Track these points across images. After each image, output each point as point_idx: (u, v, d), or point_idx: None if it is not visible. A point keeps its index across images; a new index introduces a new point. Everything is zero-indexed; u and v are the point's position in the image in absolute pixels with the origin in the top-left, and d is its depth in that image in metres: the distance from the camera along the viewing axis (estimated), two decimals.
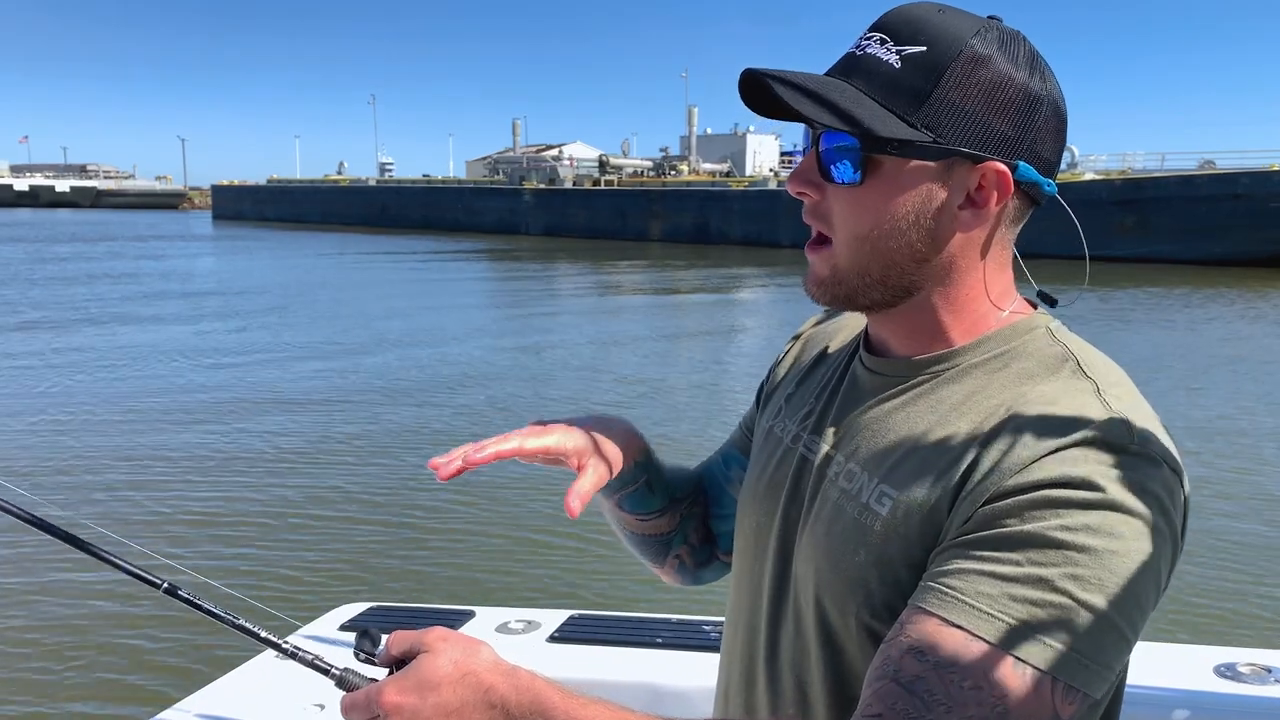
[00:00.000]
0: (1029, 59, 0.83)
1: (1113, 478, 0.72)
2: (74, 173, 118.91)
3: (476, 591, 5.05)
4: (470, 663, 0.77)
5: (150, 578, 0.90)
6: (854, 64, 0.84)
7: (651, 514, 1.11)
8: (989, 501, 0.74)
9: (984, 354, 0.85)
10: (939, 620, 0.72)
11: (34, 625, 4.60)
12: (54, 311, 17.47)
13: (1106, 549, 0.71)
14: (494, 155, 72.60)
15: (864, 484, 0.84)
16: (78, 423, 8.90)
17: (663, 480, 1.10)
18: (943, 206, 0.82)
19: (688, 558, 1.15)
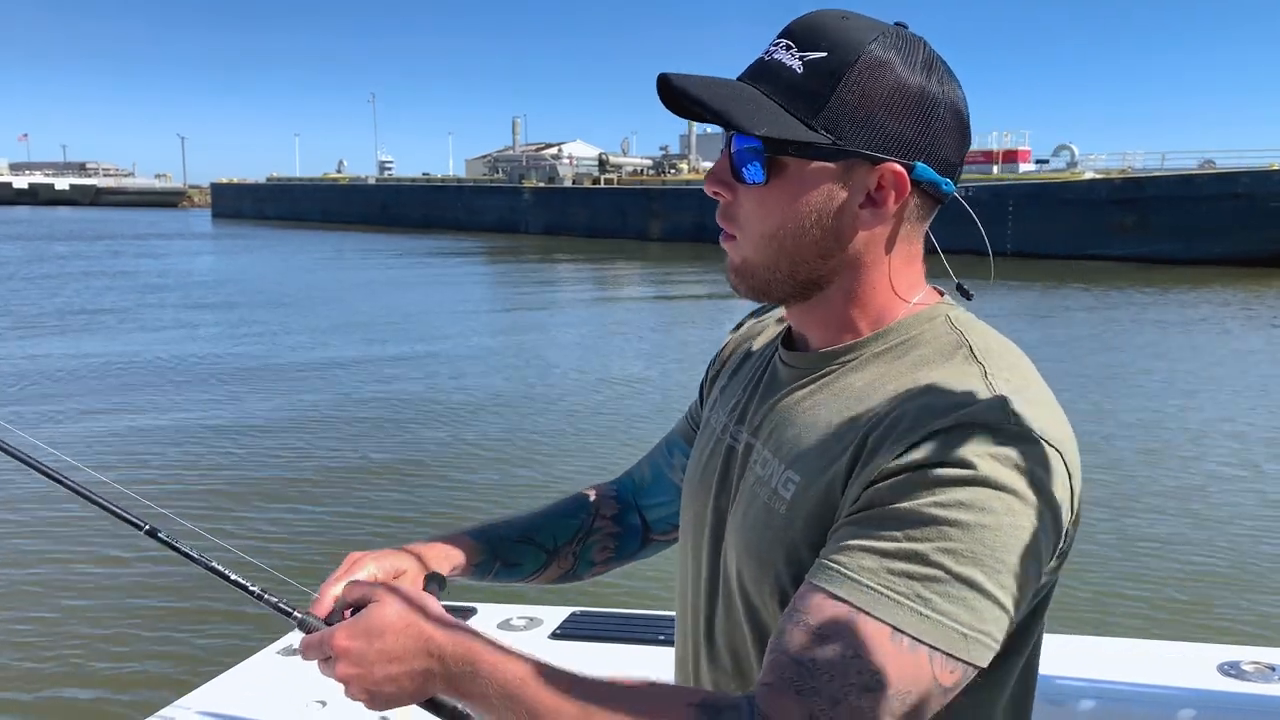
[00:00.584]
0: (926, 63, 0.86)
1: (986, 455, 0.76)
2: (73, 170, 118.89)
3: (479, 588, 5.04)
4: (414, 614, 0.84)
5: (132, 519, 0.94)
6: (762, 69, 0.88)
7: (531, 575, 1.19)
8: (874, 482, 0.79)
9: (886, 344, 0.90)
10: (825, 594, 0.77)
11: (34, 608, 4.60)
12: (45, 312, 17.47)
13: (979, 523, 0.75)
14: (494, 154, 72.57)
15: (775, 470, 0.90)
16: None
17: (523, 549, 1.17)
18: (844, 206, 0.87)
19: (605, 567, 1.24)
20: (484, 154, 75.71)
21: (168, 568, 4.53)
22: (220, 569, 0.94)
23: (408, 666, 0.82)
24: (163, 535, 0.95)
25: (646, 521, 1.24)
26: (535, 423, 8.97)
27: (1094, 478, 7.36)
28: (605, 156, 57.93)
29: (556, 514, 1.22)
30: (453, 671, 0.82)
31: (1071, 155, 41.47)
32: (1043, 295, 21.40)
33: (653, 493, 1.24)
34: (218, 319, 16.46)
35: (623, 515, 1.24)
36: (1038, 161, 41.92)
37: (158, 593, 4.63)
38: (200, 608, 4.47)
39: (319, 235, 47.91)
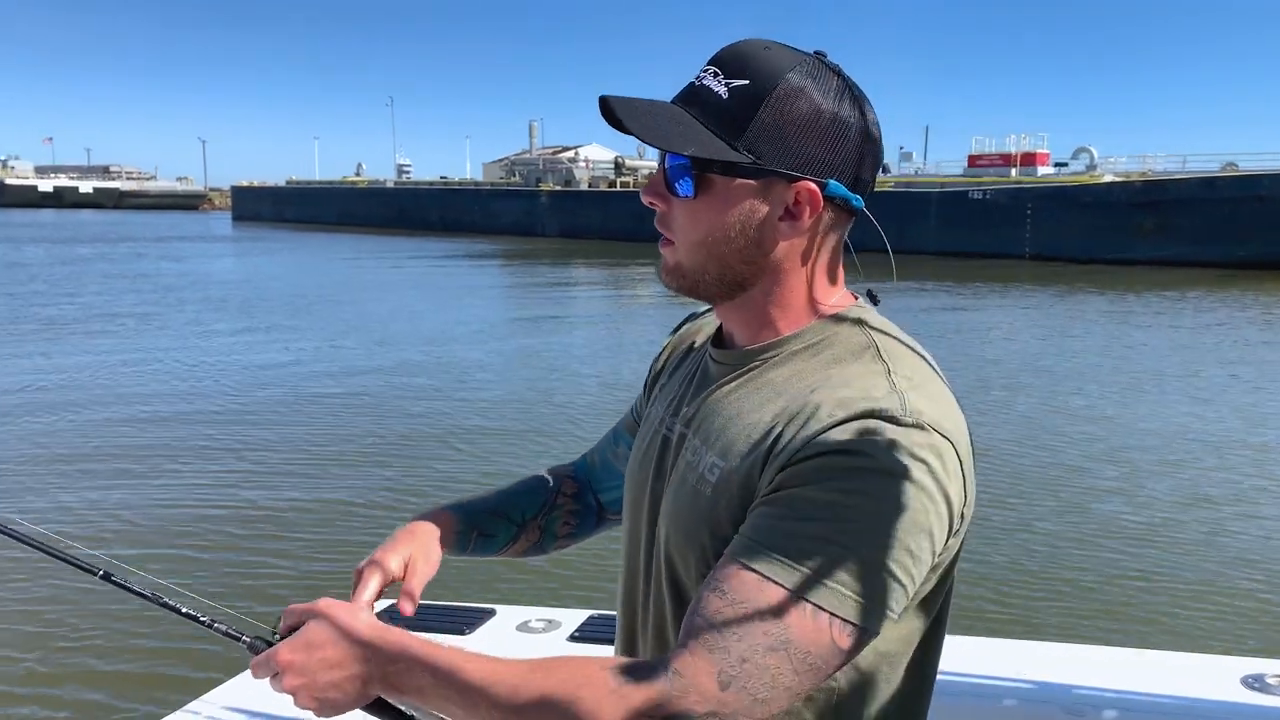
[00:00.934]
0: (840, 90, 0.95)
1: (881, 444, 0.85)
2: (97, 174, 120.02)
3: (497, 590, 5.08)
4: (349, 623, 0.91)
5: (85, 565, 1.02)
6: (693, 93, 0.97)
7: (503, 548, 1.28)
8: (785, 466, 0.88)
9: (804, 342, 0.99)
10: (739, 565, 0.86)
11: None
12: (71, 311, 17.64)
13: (873, 505, 0.84)
14: (510, 157, 72.75)
15: (702, 457, 0.98)
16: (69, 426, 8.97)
17: (497, 521, 1.27)
18: (764, 219, 0.96)
19: (569, 541, 1.34)
20: (501, 157, 75.88)
21: (118, 606, 4.46)
22: (172, 604, 1.02)
23: (347, 671, 0.90)
24: (116, 579, 1.02)
25: (600, 503, 1.35)
26: (545, 435, 8.98)
27: (1114, 485, 7.32)
28: (622, 160, 57.94)
29: (523, 490, 1.32)
30: (388, 670, 0.89)
31: (1091, 158, 41.16)
32: (1058, 298, 21.28)
33: (602, 477, 1.34)
34: (232, 326, 16.50)
35: (581, 494, 1.34)
36: (1056, 164, 41.64)
37: (111, 631, 4.52)
38: (154, 647, 4.41)
39: (337, 238, 48.15)
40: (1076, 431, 8.81)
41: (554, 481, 1.34)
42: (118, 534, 5.77)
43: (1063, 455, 8.02)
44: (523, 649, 2.11)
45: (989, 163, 41.84)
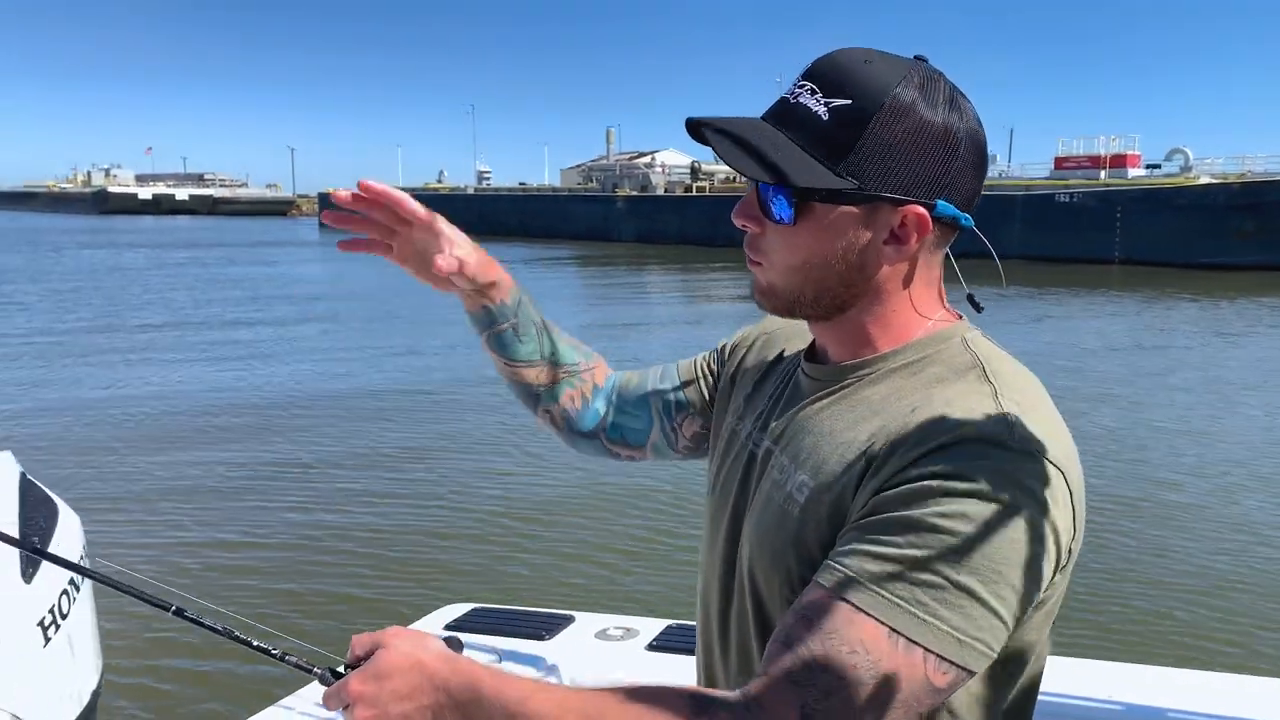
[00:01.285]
0: (948, 100, 0.90)
1: (987, 470, 0.80)
2: (192, 181, 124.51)
3: (577, 597, 5.12)
4: (418, 653, 0.89)
5: (158, 600, 1.02)
6: (788, 112, 0.92)
7: (518, 362, 1.25)
8: (882, 489, 0.83)
9: (903, 360, 0.95)
10: (827, 593, 0.81)
11: None
12: (175, 316, 18.30)
13: (976, 534, 0.78)
14: (588, 163, 73.24)
15: (790, 475, 0.95)
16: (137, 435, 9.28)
17: (536, 332, 1.24)
18: (868, 244, 0.92)
19: (559, 420, 1.29)
20: (578, 164, 76.44)
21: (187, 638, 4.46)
22: (244, 637, 1.02)
23: (417, 703, 0.88)
24: (189, 614, 1.03)
25: (605, 418, 1.30)
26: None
27: (1213, 507, 7.06)
28: (698, 165, 57.88)
29: (578, 346, 1.30)
30: (459, 700, 0.87)
31: (1185, 159, 39.75)
32: (1145, 303, 20.58)
33: (630, 402, 1.29)
34: (317, 333, 16.87)
35: (599, 394, 1.30)
36: (1148, 166, 40.32)
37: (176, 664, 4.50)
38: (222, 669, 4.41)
39: None
40: (1164, 445, 8.51)
41: (592, 360, 1.30)
42: (183, 564, 5.61)
43: (1146, 469, 7.76)
44: (600, 656, 2.12)
45: (1076, 165, 40.72)
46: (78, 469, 7.49)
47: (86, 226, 67.75)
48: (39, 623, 1.91)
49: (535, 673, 2.06)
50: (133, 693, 4.18)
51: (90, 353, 13.45)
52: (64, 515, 2.18)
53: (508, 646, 2.16)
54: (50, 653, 1.93)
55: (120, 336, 15.14)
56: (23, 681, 1.85)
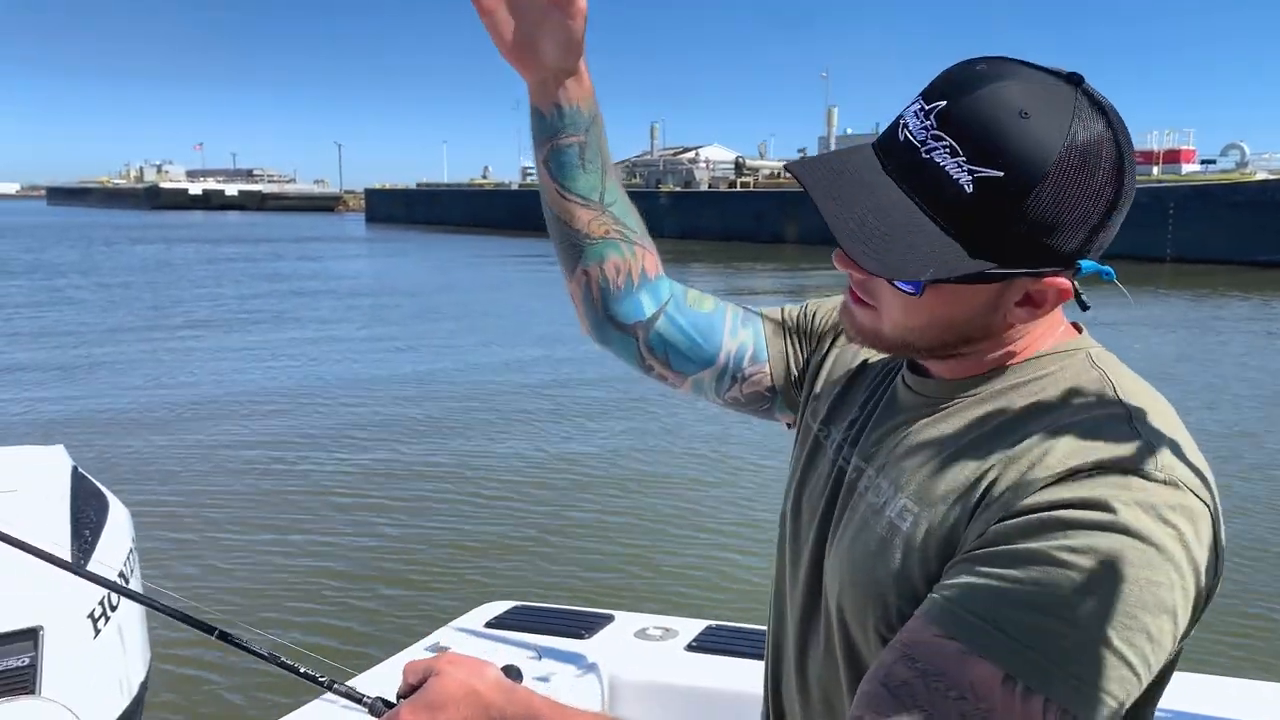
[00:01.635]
0: (1110, 150, 0.76)
1: (1128, 502, 0.71)
2: (241, 177, 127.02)
3: (617, 597, 5.12)
4: (473, 682, 0.84)
5: (202, 623, 1.00)
6: (918, 172, 0.77)
7: (574, 195, 1.08)
8: (1002, 519, 0.74)
9: (1022, 377, 0.85)
10: (934, 629, 0.73)
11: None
12: (223, 311, 18.63)
13: (1113, 577, 0.69)
14: (631, 158, 73.31)
15: (889, 499, 0.85)
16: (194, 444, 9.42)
17: (602, 173, 1.08)
18: (998, 307, 0.83)
19: (595, 289, 1.11)
20: (623, 159, 76.49)
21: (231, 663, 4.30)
22: (290, 663, 0.99)
23: None
24: (233, 638, 1.00)
25: (649, 325, 1.12)
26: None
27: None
28: (742, 160, 57.72)
29: (627, 202, 1.13)
30: None
31: (1242, 154, 38.88)
32: (1193, 303, 20.14)
33: (693, 322, 1.13)
34: (361, 335, 17.01)
35: (646, 285, 1.12)
36: (1203, 162, 39.48)
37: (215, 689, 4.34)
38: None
39: (464, 239, 49.45)
40: (1218, 447, 8.33)
41: (646, 240, 1.14)
42: (226, 584, 5.37)
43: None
44: (640, 655, 2.12)
45: None
46: (127, 463, 7.65)
47: (138, 222, 69.21)
48: (89, 615, 1.95)
49: (575, 670, 2.07)
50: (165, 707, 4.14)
51: (139, 348, 13.73)
52: (114, 508, 2.23)
53: (548, 644, 2.17)
54: (100, 645, 1.97)
55: (169, 332, 15.43)
56: (74, 673, 1.89)
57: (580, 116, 1.05)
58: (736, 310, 1.16)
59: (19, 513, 1.93)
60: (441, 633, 2.26)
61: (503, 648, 2.16)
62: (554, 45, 1.00)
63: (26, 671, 1.83)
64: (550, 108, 1.05)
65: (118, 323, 16.37)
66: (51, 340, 14.25)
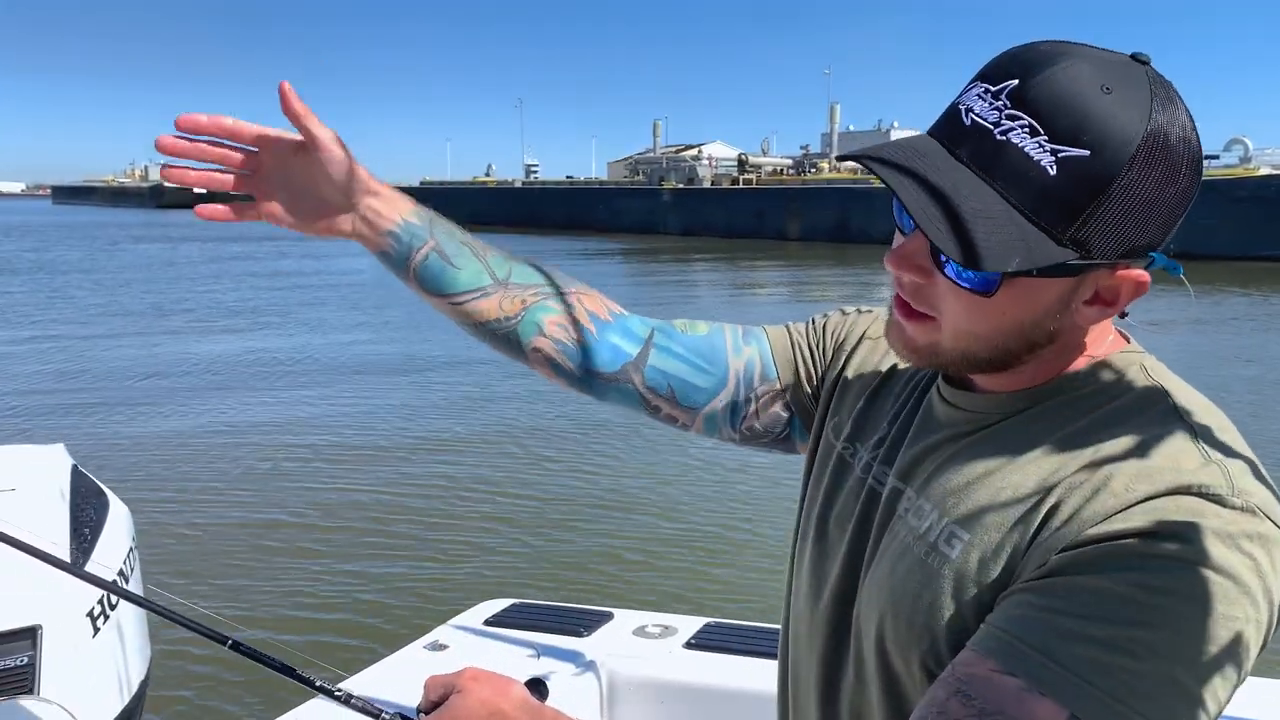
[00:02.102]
0: (1187, 135, 0.72)
1: (1204, 532, 0.66)
2: None
3: (615, 594, 5.13)
4: (498, 701, 0.79)
5: (214, 633, 0.98)
6: (996, 156, 0.70)
7: (464, 294, 1.02)
8: (1066, 549, 0.69)
9: (1074, 392, 0.79)
10: (993, 665, 0.67)
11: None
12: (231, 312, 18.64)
13: (1187, 611, 0.65)
14: (634, 156, 73.34)
15: (933, 523, 0.79)
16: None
17: (476, 258, 1.03)
18: (1069, 306, 0.76)
19: (555, 356, 1.05)
20: (625, 156, 76.55)
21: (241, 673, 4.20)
22: (305, 675, 0.96)
23: None
24: (245, 648, 0.98)
25: (639, 364, 1.05)
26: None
27: None
28: (745, 157, 57.77)
29: (532, 260, 1.07)
30: None
31: (1245, 149, 38.81)
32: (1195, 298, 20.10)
33: (690, 350, 1.06)
34: (362, 330, 17.02)
35: (608, 327, 1.06)
36: (1206, 157, 39.21)
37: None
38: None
39: None
40: None
41: (573, 284, 1.07)
42: (226, 581, 5.33)
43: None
44: (638, 653, 2.12)
45: None
46: (126, 462, 7.67)
47: (143, 220, 69.28)
48: (88, 614, 1.95)
49: (573, 668, 2.07)
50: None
51: (140, 347, 13.75)
52: (114, 506, 2.23)
53: (546, 642, 2.17)
54: (99, 644, 1.97)
55: (170, 331, 15.46)
56: (72, 672, 1.89)
57: (414, 226, 1.01)
58: (735, 328, 1.09)
59: (18, 511, 1.93)
60: (440, 630, 2.26)
61: (501, 645, 2.16)
62: (336, 191, 0.97)
63: (25, 671, 1.83)
64: (384, 240, 1.01)
65: (119, 322, 16.39)
66: (52, 339, 14.28)
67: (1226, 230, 29.70)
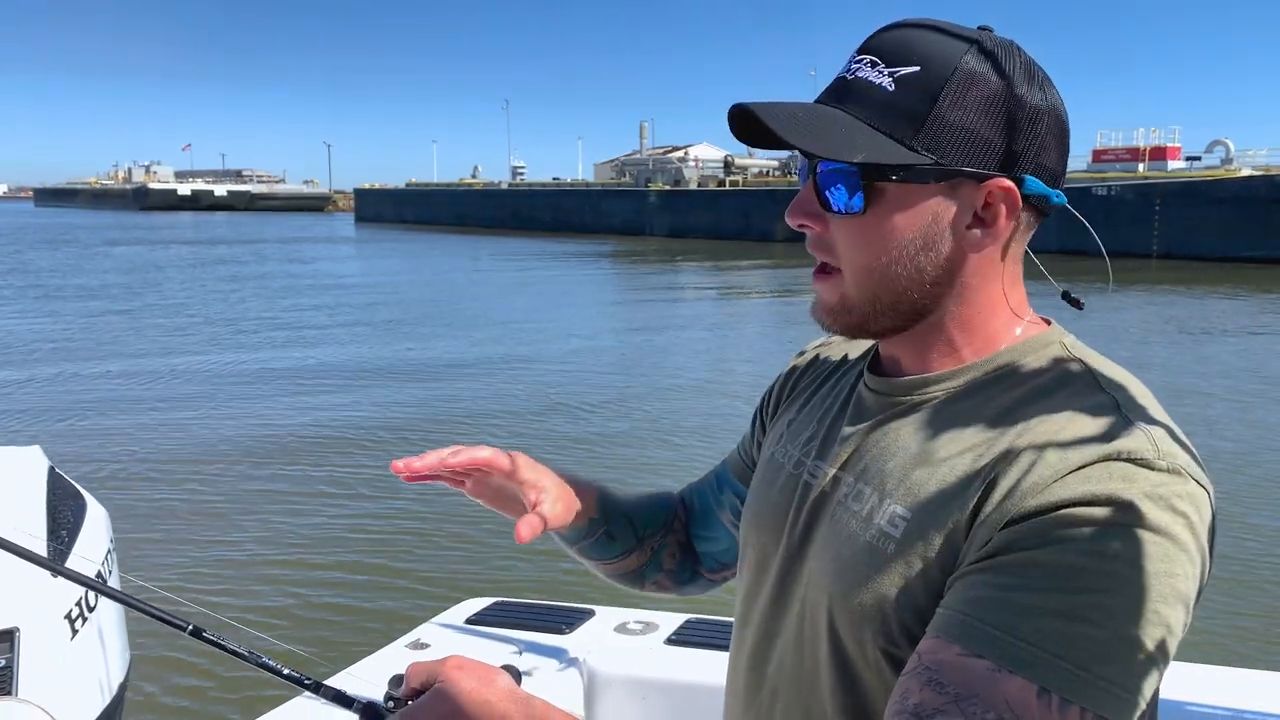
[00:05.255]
0: (1026, 70, 0.81)
1: (1139, 494, 0.69)
2: (230, 177, 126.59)
3: (597, 590, 5.13)
4: (483, 691, 0.78)
5: (175, 620, 0.93)
6: (845, 89, 0.82)
7: (616, 558, 1.14)
8: (1010, 524, 0.71)
9: (997, 370, 0.83)
10: (959, 649, 0.69)
11: None
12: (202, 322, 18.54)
13: (1134, 572, 0.68)
14: (621, 158, 73.36)
15: (874, 505, 0.81)
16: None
17: (624, 523, 1.13)
18: (951, 228, 0.81)
19: (667, 581, 1.18)
20: (612, 158, 76.53)
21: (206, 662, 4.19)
22: (272, 664, 0.92)
23: None
24: (208, 634, 0.93)
25: (696, 551, 1.18)
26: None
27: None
28: (731, 158, 57.80)
29: (652, 503, 1.17)
30: None
31: (1226, 151, 39.07)
32: (1191, 299, 20.25)
33: (701, 525, 1.17)
34: (348, 332, 16.99)
35: (691, 533, 1.18)
36: (1189, 159, 39.66)
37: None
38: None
39: (455, 240, 49.34)
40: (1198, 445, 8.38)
41: (675, 507, 1.19)
42: (206, 582, 5.26)
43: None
44: (620, 649, 2.13)
45: (1115, 157, 40.14)
46: (104, 464, 7.62)
47: (126, 223, 68.89)
48: (66, 615, 1.94)
49: (556, 665, 2.07)
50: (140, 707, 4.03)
51: (118, 349, 13.66)
52: (91, 509, 2.22)
53: (529, 639, 2.17)
54: (78, 645, 1.95)
55: (148, 333, 15.37)
56: (51, 674, 1.88)
57: (594, 522, 1.11)
58: (713, 475, 1.18)
59: None
60: (422, 629, 2.26)
61: (484, 643, 2.16)
62: (563, 512, 1.05)
63: (3, 673, 1.82)
64: (569, 533, 1.11)
65: (97, 324, 16.29)
66: (27, 342, 14.18)
67: (1209, 232, 29.94)
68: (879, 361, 0.92)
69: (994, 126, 0.79)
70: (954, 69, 0.79)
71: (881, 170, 0.78)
